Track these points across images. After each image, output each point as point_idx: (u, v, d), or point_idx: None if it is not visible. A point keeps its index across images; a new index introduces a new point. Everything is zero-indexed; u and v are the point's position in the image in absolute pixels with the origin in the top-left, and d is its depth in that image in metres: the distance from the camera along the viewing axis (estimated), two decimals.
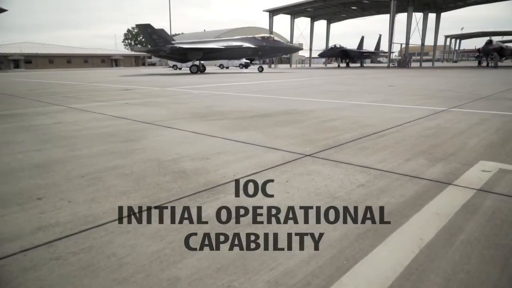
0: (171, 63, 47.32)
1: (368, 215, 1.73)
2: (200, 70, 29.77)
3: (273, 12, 48.82)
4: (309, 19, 52.60)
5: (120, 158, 2.86)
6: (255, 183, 2.21)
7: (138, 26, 31.01)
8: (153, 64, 79.78)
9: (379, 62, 73.31)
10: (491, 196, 1.95)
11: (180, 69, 44.01)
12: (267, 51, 28.08)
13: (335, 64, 57.90)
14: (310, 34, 53.46)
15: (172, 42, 29.56)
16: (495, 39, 41.16)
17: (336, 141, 3.35)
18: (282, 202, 1.90)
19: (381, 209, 1.79)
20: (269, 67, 48.09)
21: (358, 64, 52.28)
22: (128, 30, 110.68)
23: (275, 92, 8.96)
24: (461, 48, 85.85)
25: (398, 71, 26.44)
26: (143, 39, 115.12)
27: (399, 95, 7.78)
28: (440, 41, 68.17)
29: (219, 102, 6.81)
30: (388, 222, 1.65)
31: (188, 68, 28.66)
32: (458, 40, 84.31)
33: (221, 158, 2.80)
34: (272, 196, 1.99)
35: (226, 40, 30.28)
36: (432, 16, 46.93)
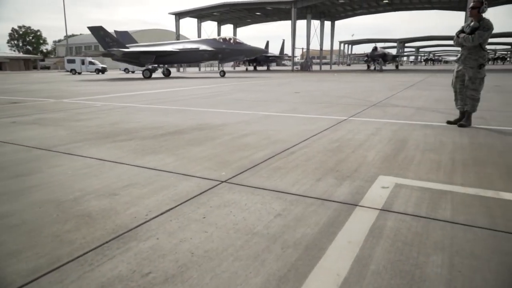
0: (68, 66, 43.42)
1: (289, 251, 1.75)
2: (165, 74, 28.20)
3: (179, 15, 47.92)
4: (216, 23, 52.90)
5: (7, 202, 2.45)
6: (170, 223, 2.08)
7: (90, 28, 28.49)
8: (47, 68, 71.67)
9: (284, 65, 77.24)
10: (391, 216, 2.15)
11: (133, 72, 41.40)
12: (228, 54, 26.50)
13: (243, 67, 59.22)
14: None
15: (127, 45, 27.74)
16: (379, 45, 46.64)
17: (251, 161, 3.38)
18: (201, 247, 1.81)
19: (299, 244, 1.84)
20: (177, 70, 47.01)
21: (265, 68, 54.29)
22: (14, 30, 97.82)
23: (185, 102, 8.76)
24: (353, 52, 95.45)
25: (301, 74, 28.17)
26: (33, 40, 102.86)
27: (305, 103, 8.25)
28: (336, 46, 74.66)
29: (125, 117, 6.38)
30: (307, 258, 1.69)
31: (141, 72, 26.78)
32: (350, 46, 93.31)
33: (131, 193, 2.59)
34: (190, 239, 1.90)
35: (181, 43, 28.66)
36: (328, 24, 51.21)
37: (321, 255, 1.72)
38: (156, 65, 26.75)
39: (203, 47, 26.37)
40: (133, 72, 43.39)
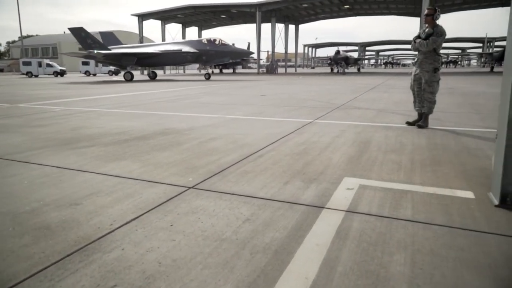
0: (24, 69, 41.28)
1: (258, 256, 1.76)
2: (151, 77, 27.26)
3: (142, 17, 46.81)
4: (180, 25, 52.20)
5: None
6: (136, 233, 2.02)
7: (70, 29, 27.30)
8: (1, 70, 67.37)
9: (250, 67, 77.57)
10: (357, 217, 2.21)
11: (94, 75, 40.51)
12: (212, 56, 25.49)
13: (209, 70, 58.80)
14: None
15: (109, 47, 26.66)
16: (342, 49, 48.05)
17: (218, 166, 3.36)
18: (169, 256, 1.78)
19: (268, 248, 1.84)
20: (141, 73, 45.94)
21: (231, 70, 54.23)
22: None
23: (149, 107, 8.56)
24: (317, 55, 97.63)
25: (267, 77, 28.42)
26: None
27: (271, 106, 8.33)
28: (300, 49, 76.07)
29: (87, 122, 6.14)
30: (276, 262, 1.71)
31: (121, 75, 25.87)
32: (314, 49, 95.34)
33: (94, 202, 2.49)
34: (157, 248, 1.85)
35: (163, 44, 27.58)
36: (292, 27, 52.05)
37: (290, 259, 1.74)
38: (130, 67, 25.66)
39: (186, 48, 25.58)
40: (94, 75, 41.95)
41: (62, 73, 41.16)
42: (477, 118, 6.15)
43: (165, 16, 46.95)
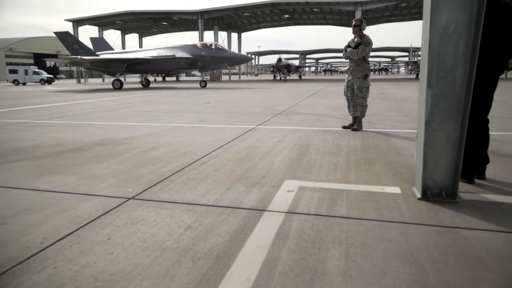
0: (10, 77, 39.44)
1: (200, 263, 1.76)
2: (144, 85, 25.39)
3: (77, 22, 44.30)
4: (119, 31, 50.27)
5: None
6: (71, 249, 1.92)
7: (56, 34, 25.19)
8: None
9: (193, 75, 76.77)
10: (296, 217, 2.31)
11: (24, 84, 37.88)
12: (208, 62, 23.85)
13: (151, 78, 57.23)
14: (122, 47, 51.12)
15: (98, 52, 24.94)
16: (284, 56, 49.54)
17: (159, 175, 3.29)
18: (106, 270, 1.71)
19: (210, 254, 1.85)
20: (78, 82, 43.38)
21: (174, 78, 53.27)
22: None
23: (86, 117, 8.13)
24: (260, 63, 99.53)
25: (211, 85, 28.32)
26: None
27: (214, 113, 8.33)
28: None
29: (17, 135, 5.66)
30: (218, 267, 1.72)
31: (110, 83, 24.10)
32: (257, 56, 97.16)
33: (22, 220, 2.31)
34: (94, 263, 1.77)
35: (155, 49, 25.55)
36: (235, 35, 52.61)
37: (232, 262, 1.76)
38: (119, 74, 23.88)
39: (180, 54, 23.98)
40: (24, 84, 39.00)
41: (49, 81, 38.44)
42: (404, 120, 6.70)
43: (103, 22, 44.98)
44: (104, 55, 25.38)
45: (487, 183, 2.96)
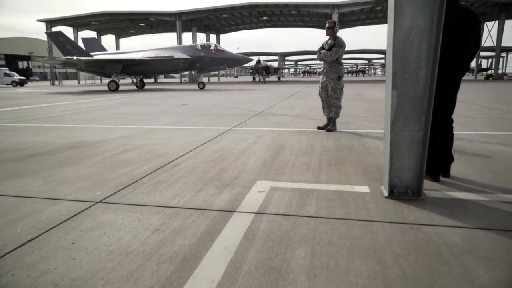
0: None
1: (165, 266, 1.74)
2: (138, 86, 24.73)
3: (51, 23, 43.01)
4: (95, 32, 49.17)
5: None
6: (31, 255, 1.86)
7: (48, 34, 24.83)
8: None
9: (172, 77, 76.06)
10: (265, 217, 2.31)
11: (22, 86, 36.17)
12: (207, 63, 23.14)
13: (128, 80, 56.25)
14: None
15: (91, 53, 24.10)
16: (263, 58, 49.74)
17: (130, 177, 3.24)
18: (67, 276, 1.67)
19: (175, 256, 1.84)
20: (52, 84, 42.15)
21: (152, 80, 52.56)
22: None
23: (59, 119, 7.90)
24: None
25: (190, 86, 28.07)
26: None
27: (192, 115, 8.27)
28: None
29: None
30: (183, 269, 1.71)
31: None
32: None
33: None
34: (55, 269, 1.72)
35: (152, 50, 24.66)
36: (214, 37, 52.39)
37: (197, 264, 1.75)
38: (115, 75, 22.98)
39: (178, 55, 23.22)
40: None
41: (22, 83, 36.90)
42: (378, 121, 6.84)
43: (78, 22, 43.88)
44: (99, 56, 24.70)
45: (452, 181, 3.06)
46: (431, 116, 2.56)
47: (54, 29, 43.76)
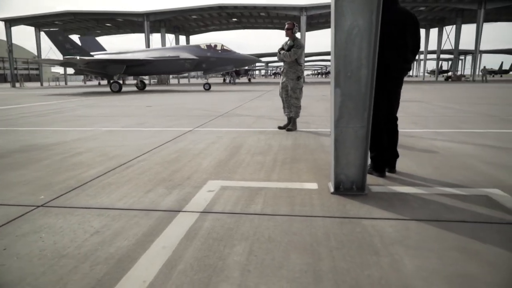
0: None
1: (98, 268, 1.70)
2: (139, 87, 23.92)
3: (10, 22, 40.97)
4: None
5: None
6: None
7: (46, 32, 23.20)
8: None
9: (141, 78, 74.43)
10: (210, 216, 2.32)
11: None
12: (213, 64, 22.30)
13: (95, 82, 54.63)
14: None
15: (91, 53, 22.93)
16: None
17: (79, 180, 3.15)
18: None
19: (111, 258, 1.80)
20: (12, 86, 40.23)
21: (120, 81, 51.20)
22: None
23: (12, 122, 7.55)
24: None
25: (158, 88, 27.59)
26: None
27: (154, 117, 8.14)
28: None
29: None
30: (117, 271, 1.68)
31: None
32: None
33: None
34: None
35: (157, 50, 23.55)
36: (183, 38, 51.79)
37: (132, 265, 1.73)
38: (117, 76, 21.87)
39: (184, 55, 22.24)
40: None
41: None
42: None
43: (40, 22, 42.02)
44: (100, 56, 23.65)
45: (397, 176, 3.19)
46: (373, 113, 2.66)
47: (14, 28, 41.80)
